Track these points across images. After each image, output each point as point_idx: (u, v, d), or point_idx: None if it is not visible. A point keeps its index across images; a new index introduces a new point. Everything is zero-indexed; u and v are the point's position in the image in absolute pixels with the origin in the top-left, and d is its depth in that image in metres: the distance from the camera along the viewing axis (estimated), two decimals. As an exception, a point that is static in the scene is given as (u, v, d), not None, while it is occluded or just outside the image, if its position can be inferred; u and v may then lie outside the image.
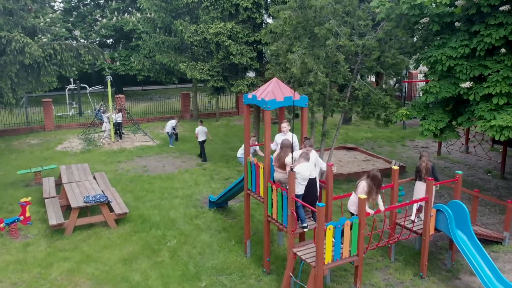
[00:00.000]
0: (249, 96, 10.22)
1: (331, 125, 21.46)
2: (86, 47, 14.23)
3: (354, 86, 13.62)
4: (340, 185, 14.94)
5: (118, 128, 21.11)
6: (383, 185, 9.79)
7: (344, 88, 14.84)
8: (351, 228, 8.63)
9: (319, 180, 9.76)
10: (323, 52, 12.88)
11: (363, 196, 8.85)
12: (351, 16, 13.54)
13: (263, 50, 16.66)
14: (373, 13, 14.34)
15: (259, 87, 16.89)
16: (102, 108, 22.29)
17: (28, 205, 11.96)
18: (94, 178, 14.78)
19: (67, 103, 28.44)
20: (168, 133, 20.64)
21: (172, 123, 20.80)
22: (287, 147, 9.47)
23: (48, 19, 28.75)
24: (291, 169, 8.94)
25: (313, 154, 9.66)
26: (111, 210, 12.39)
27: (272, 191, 9.52)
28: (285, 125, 10.42)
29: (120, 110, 20.85)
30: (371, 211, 9.19)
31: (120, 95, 23.57)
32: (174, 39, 22.75)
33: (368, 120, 14.86)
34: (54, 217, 11.85)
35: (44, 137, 21.99)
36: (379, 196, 9.58)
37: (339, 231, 8.42)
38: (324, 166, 9.73)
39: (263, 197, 10.06)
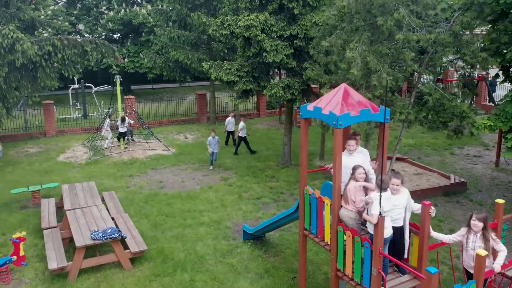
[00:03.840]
0: (309, 107, 7.70)
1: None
2: (93, 43, 11.70)
3: (422, 90, 11.05)
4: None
5: (124, 137, 18.50)
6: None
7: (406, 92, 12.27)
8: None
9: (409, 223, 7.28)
10: (386, 49, 10.34)
11: (484, 252, 6.35)
12: (417, 4, 10.96)
13: (301, 45, 14.07)
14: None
15: (295, 89, 14.45)
16: (110, 111, 19.81)
17: (22, 242, 9.54)
18: (103, 199, 12.36)
19: (71, 104, 25.94)
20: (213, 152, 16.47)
21: (230, 121, 18.59)
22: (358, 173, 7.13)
23: (49, 12, 26.22)
24: (380, 213, 6.43)
25: (404, 192, 7.15)
26: (125, 246, 9.94)
27: (344, 237, 7.05)
28: (352, 143, 7.94)
29: (123, 119, 18.10)
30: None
31: (130, 97, 21.05)
32: (191, 34, 20.23)
33: (419, 126, 12.28)
34: (55, 258, 9.42)
35: (44, 145, 19.52)
36: (496, 243, 7.06)
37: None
38: (416, 207, 7.21)
39: (329, 243, 7.58)
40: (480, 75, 18.92)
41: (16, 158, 17.63)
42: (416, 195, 11.90)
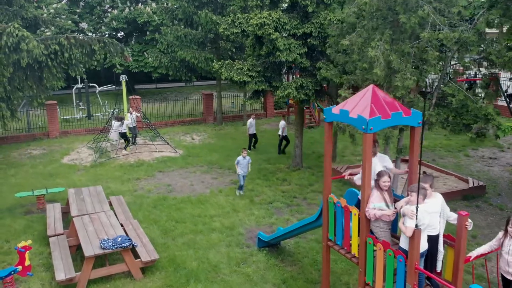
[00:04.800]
0: (335, 110, 7.24)
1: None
2: (101, 42, 11.18)
3: (446, 91, 10.57)
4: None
5: (125, 138, 17.98)
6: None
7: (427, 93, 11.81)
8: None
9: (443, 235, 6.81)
10: (409, 48, 9.86)
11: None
12: (440, 1, 10.47)
13: (314, 44, 13.58)
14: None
15: (309, 89, 13.95)
16: (115, 112, 19.34)
17: (28, 251, 9.07)
18: (110, 204, 11.89)
19: (74, 104, 25.45)
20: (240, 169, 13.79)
21: (252, 123, 17.90)
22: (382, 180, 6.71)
23: (52, 10, 25.71)
24: (416, 226, 5.97)
25: (438, 197, 6.69)
26: (136, 255, 9.48)
27: (374, 250, 6.59)
28: (372, 150, 7.48)
29: (121, 118, 17.55)
30: None
31: (136, 96, 20.56)
32: (197, 33, 19.73)
33: (444, 130, 11.75)
34: (62, 268, 8.95)
35: (48, 146, 19.04)
36: None
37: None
38: (452, 217, 6.74)
39: (356, 256, 7.11)
40: (494, 75, 18.38)
41: (19, 160, 17.17)
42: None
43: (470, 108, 10.32)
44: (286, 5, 14.56)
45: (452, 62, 12.32)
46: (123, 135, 17.73)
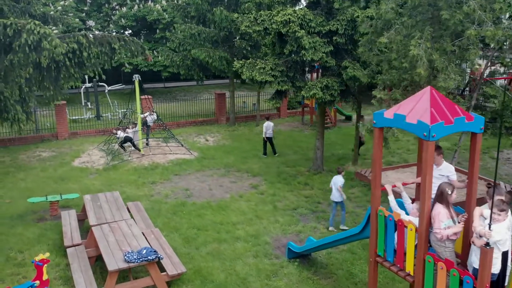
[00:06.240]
0: (387, 115, 6.60)
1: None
2: (122, 40, 10.53)
3: (487, 92, 9.93)
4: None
5: (128, 143, 17.39)
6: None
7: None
8: None
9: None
10: (451, 45, 9.22)
11: None
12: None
13: (340, 42, 12.94)
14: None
15: (334, 89, 13.30)
16: (127, 112, 18.71)
17: (46, 264, 8.47)
18: (128, 210, 11.26)
19: (83, 104, 24.77)
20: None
21: (269, 125, 16.98)
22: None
23: (59, 7, 25.04)
24: (487, 244, 5.36)
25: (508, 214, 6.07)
26: (161, 268, 8.86)
27: (434, 269, 5.99)
28: (436, 158, 6.93)
29: (134, 124, 17.28)
30: None
31: (148, 96, 19.91)
32: (211, 31, 19.08)
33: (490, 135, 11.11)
34: (83, 283, 8.36)
35: (57, 148, 18.40)
36: None
37: None
38: None
39: (412, 274, 6.49)
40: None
41: (28, 163, 16.54)
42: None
43: (514, 110, 9.70)
44: (306, 1, 13.90)
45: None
46: (128, 139, 17.16)
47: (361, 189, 13.89)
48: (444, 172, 7.09)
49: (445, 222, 5.99)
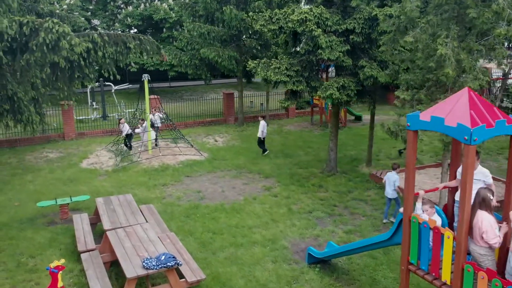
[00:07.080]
0: (423, 117, 6.31)
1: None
2: (137, 39, 10.22)
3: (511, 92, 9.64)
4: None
5: (127, 141, 17.20)
6: None
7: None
8: None
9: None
10: (477, 44, 8.93)
11: None
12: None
13: (357, 41, 12.64)
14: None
15: (351, 90, 13.01)
16: (136, 112, 18.41)
17: (61, 271, 8.19)
18: (141, 213, 10.97)
19: (89, 104, 24.47)
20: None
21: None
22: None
23: (65, 6, 24.73)
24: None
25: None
26: (179, 274, 8.58)
27: (473, 278, 5.71)
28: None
29: (142, 120, 17.13)
30: None
31: (156, 96, 19.62)
32: (221, 30, 18.78)
33: None
34: (100, 291, 8.06)
35: (64, 149, 18.11)
36: None
37: None
38: None
39: (448, 283, 6.20)
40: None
41: (35, 165, 16.24)
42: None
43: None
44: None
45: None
46: (129, 137, 17.01)
47: (377, 191, 13.60)
48: (480, 176, 6.82)
49: (497, 228, 5.75)
